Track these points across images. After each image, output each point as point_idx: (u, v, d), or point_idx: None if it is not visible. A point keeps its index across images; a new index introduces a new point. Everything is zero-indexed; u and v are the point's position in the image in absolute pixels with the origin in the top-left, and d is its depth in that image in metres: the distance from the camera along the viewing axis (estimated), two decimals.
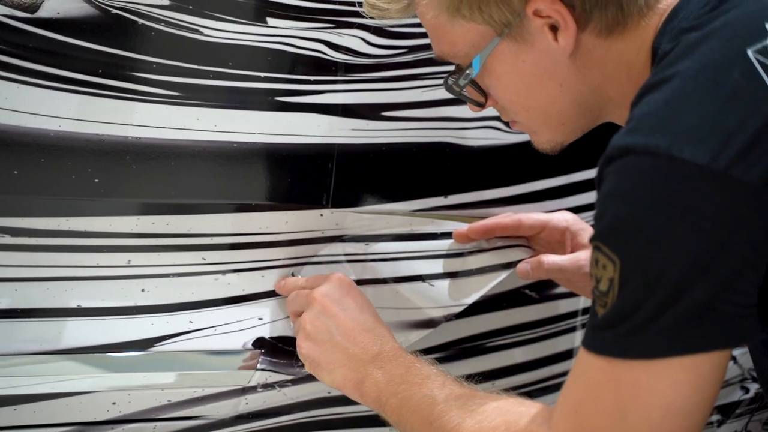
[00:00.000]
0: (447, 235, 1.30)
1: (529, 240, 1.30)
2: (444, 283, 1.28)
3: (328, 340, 1.12)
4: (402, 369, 1.06)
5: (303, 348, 1.14)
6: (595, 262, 0.79)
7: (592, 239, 0.80)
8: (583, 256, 1.23)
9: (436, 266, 1.29)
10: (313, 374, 1.14)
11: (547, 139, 1.05)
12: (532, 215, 1.29)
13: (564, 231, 1.27)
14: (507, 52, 0.96)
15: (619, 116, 1.01)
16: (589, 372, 0.81)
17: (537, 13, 0.92)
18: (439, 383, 1.02)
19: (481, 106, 1.07)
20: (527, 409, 0.93)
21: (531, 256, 1.28)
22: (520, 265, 1.25)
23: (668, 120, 0.76)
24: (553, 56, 0.95)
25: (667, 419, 0.76)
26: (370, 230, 1.29)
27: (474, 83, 1.03)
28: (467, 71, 1.00)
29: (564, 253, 1.26)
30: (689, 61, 0.79)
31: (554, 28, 0.93)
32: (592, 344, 0.80)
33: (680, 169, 0.73)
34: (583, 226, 1.28)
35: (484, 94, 1.05)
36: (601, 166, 0.81)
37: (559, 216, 1.29)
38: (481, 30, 0.96)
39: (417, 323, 1.28)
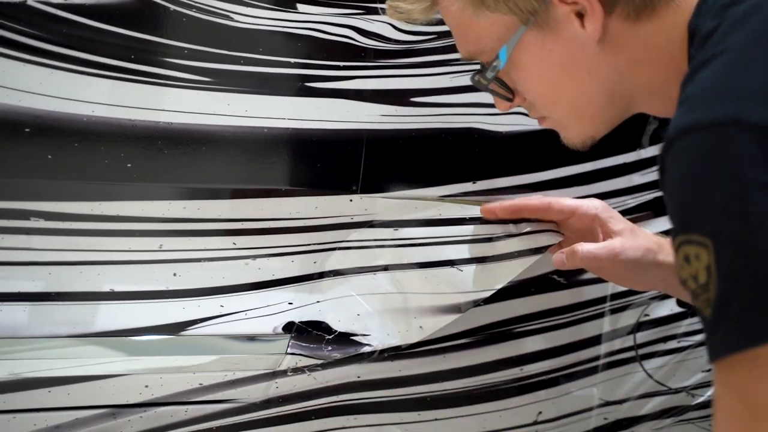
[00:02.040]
0: (476, 220, 1.30)
1: (559, 225, 1.30)
2: (472, 268, 1.28)
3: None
4: None
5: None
6: (685, 259, 0.73)
7: (675, 235, 0.75)
8: (617, 244, 1.21)
9: (465, 251, 1.29)
10: None
11: (578, 133, 1.04)
12: (561, 200, 1.27)
13: (593, 218, 1.26)
14: (533, 41, 0.95)
15: (652, 106, 1.00)
16: (721, 386, 0.73)
17: (563, 0, 0.91)
18: None
19: (509, 100, 1.06)
20: None
21: (560, 243, 1.28)
22: (555, 256, 1.23)
23: (729, 88, 0.72)
24: (580, 43, 0.93)
25: None
26: (399, 215, 1.29)
27: (500, 80, 1.02)
28: (494, 63, 0.99)
29: (594, 240, 1.24)
30: (739, 34, 0.76)
31: (580, 15, 0.92)
32: (716, 352, 0.72)
33: (753, 132, 0.69)
34: (612, 214, 1.27)
35: (512, 89, 1.04)
36: (663, 152, 0.76)
37: (588, 203, 1.27)
38: (507, 21, 0.95)
39: (445, 308, 1.28)
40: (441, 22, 1.08)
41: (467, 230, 1.30)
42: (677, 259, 0.75)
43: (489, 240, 1.29)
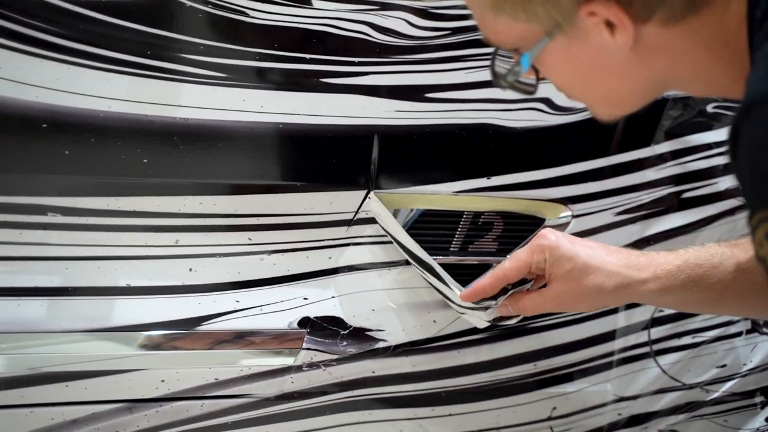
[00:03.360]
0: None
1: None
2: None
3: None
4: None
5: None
6: (766, 237, 0.70)
7: (753, 211, 0.71)
8: (553, 294, 1.18)
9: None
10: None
11: (606, 113, 0.98)
12: (513, 264, 1.20)
13: (544, 263, 1.20)
14: (558, 48, 0.88)
15: (691, 88, 0.95)
16: None
17: (591, 14, 0.83)
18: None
19: (531, 94, 0.99)
20: None
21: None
22: (501, 306, 1.22)
23: None
24: (610, 51, 0.86)
25: None
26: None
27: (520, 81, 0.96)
28: (515, 69, 0.92)
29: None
30: None
31: (610, 24, 0.83)
32: None
33: None
34: (559, 255, 1.19)
35: (534, 81, 0.97)
36: (740, 117, 0.72)
37: (537, 250, 1.20)
38: (528, 28, 0.88)
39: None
40: (455, 18, 1.08)
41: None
42: (755, 237, 0.72)
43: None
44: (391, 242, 1.29)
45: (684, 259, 1.13)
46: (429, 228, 1.32)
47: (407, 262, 1.27)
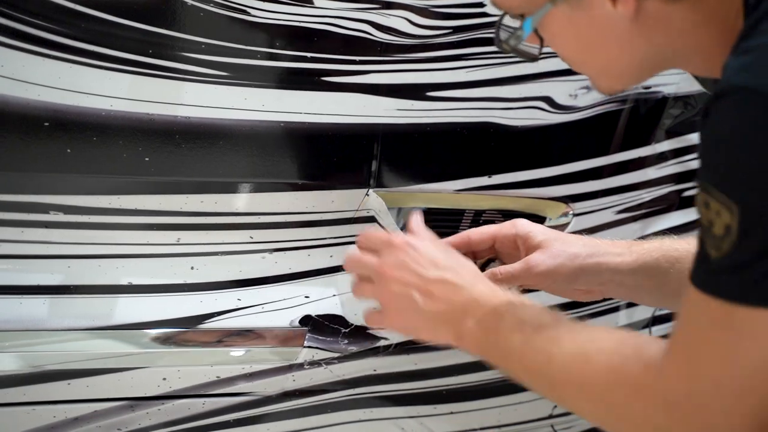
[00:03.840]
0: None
1: (497, 254, 1.24)
2: None
3: (413, 309, 1.05)
4: (496, 316, 1.00)
5: (395, 323, 1.08)
6: (704, 205, 0.75)
7: (700, 180, 0.75)
8: (532, 258, 1.17)
9: None
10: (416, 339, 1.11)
11: (606, 86, 0.98)
12: (481, 229, 1.21)
13: (514, 238, 1.20)
14: (561, 15, 0.89)
15: (691, 66, 0.95)
16: (706, 316, 0.77)
17: None
18: (533, 327, 0.96)
19: (533, 60, 1.00)
20: (634, 350, 0.86)
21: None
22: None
23: None
24: (611, 21, 0.87)
25: None
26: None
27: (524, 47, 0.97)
28: (518, 33, 0.94)
29: (519, 259, 1.20)
30: None
31: None
32: (710, 286, 0.76)
33: None
34: (531, 229, 1.20)
35: (537, 49, 0.97)
36: (710, 101, 0.74)
37: (507, 225, 1.21)
38: None
39: None
40: (456, 17, 1.08)
41: None
42: (697, 198, 0.76)
43: None
44: None
45: (659, 243, 1.15)
46: (430, 226, 1.32)
47: None
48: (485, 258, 1.23)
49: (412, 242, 1.07)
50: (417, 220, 1.10)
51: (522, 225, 1.20)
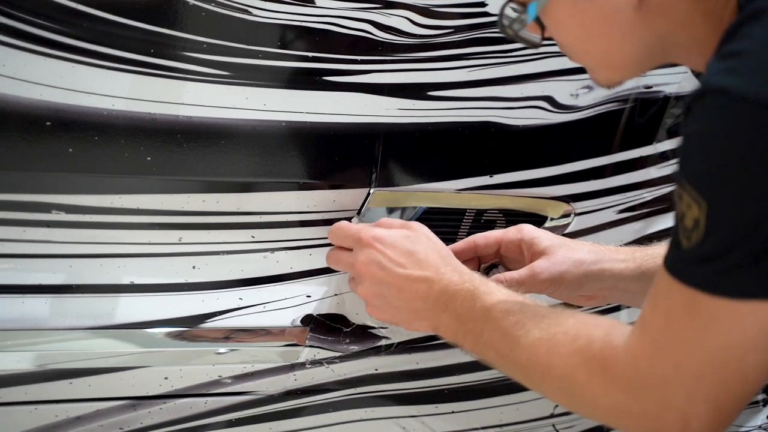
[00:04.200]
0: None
1: (501, 259, 1.27)
2: None
3: (389, 305, 1.10)
4: (466, 305, 1.04)
5: (374, 314, 1.13)
6: (679, 197, 0.79)
7: (678, 174, 0.79)
8: (537, 264, 1.19)
9: None
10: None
11: (605, 78, 0.99)
12: (486, 234, 1.24)
13: (519, 244, 1.23)
14: (565, 1, 0.91)
15: (690, 60, 0.96)
16: (673, 300, 0.80)
17: None
18: (501, 312, 1.00)
19: (536, 47, 1.01)
20: (600, 331, 0.90)
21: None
22: None
23: None
24: (615, 8, 0.89)
25: (746, 356, 0.78)
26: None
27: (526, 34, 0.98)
28: (522, 17, 0.94)
29: (524, 266, 1.22)
30: None
31: None
32: (679, 273, 0.80)
33: None
34: (536, 235, 1.22)
35: (540, 34, 0.98)
36: (693, 99, 0.77)
37: (512, 230, 1.24)
38: None
39: None
40: (458, 16, 1.08)
41: None
42: (675, 189, 0.79)
43: None
44: None
45: (662, 249, 1.15)
46: (431, 226, 1.32)
47: None
48: (489, 263, 1.23)
49: (379, 236, 1.11)
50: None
51: (527, 231, 1.22)
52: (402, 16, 1.23)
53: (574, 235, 1.41)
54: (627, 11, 0.88)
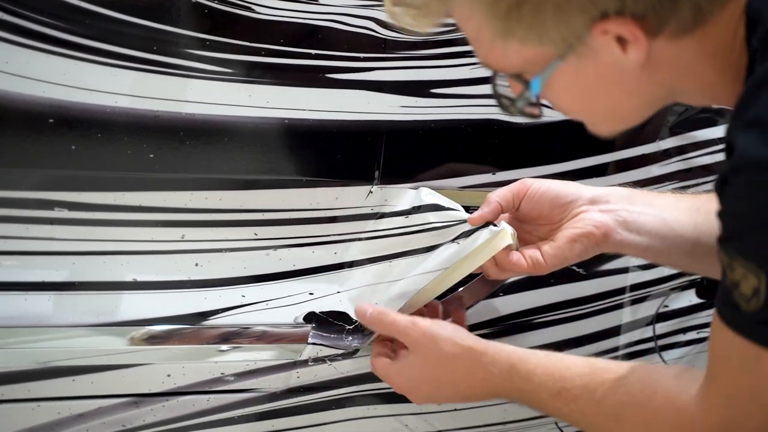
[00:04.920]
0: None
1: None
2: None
3: (437, 397, 1.20)
4: (518, 393, 1.11)
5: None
6: (729, 267, 0.79)
7: (723, 246, 0.80)
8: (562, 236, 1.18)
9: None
10: None
11: (608, 129, 0.96)
12: (498, 194, 1.23)
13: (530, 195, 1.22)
14: (568, 69, 0.85)
15: (694, 100, 0.95)
16: (748, 361, 0.82)
17: (604, 32, 0.81)
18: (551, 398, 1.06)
19: (538, 118, 0.96)
20: (664, 400, 0.94)
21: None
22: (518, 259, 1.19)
23: None
24: (620, 68, 0.84)
25: None
26: (410, 203, 1.30)
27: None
28: (527, 94, 0.89)
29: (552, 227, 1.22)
30: None
31: (621, 40, 0.81)
32: (747, 333, 0.81)
33: None
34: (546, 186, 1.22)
35: (539, 107, 0.94)
36: (730, 172, 0.77)
37: (516, 185, 1.23)
38: (539, 50, 0.85)
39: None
40: None
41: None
42: (721, 258, 0.81)
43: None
44: (395, 236, 1.29)
45: None
46: None
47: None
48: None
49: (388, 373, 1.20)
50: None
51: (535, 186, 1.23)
52: None
53: None
54: (633, 71, 0.84)
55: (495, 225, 1.20)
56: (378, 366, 1.20)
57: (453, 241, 1.23)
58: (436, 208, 1.27)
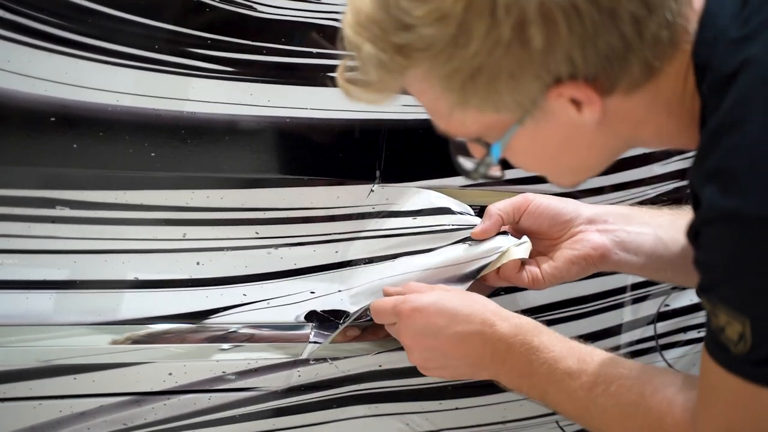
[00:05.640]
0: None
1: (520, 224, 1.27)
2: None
3: (445, 366, 1.14)
4: (523, 361, 1.08)
5: (429, 373, 1.17)
6: (713, 314, 0.81)
7: (704, 294, 0.82)
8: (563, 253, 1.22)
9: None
10: None
11: (571, 182, 0.99)
12: (499, 207, 1.25)
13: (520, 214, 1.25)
14: (526, 132, 0.86)
15: (653, 144, 1.00)
16: (739, 395, 0.84)
17: (559, 96, 0.82)
18: (563, 374, 1.05)
19: (501, 179, 0.97)
20: (666, 405, 0.97)
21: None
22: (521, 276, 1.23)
23: None
24: (577, 127, 0.85)
25: None
26: (419, 205, 1.30)
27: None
28: (487, 160, 0.90)
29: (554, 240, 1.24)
30: (765, 89, 0.74)
31: (576, 101, 0.83)
32: (738, 371, 0.82)
33: None
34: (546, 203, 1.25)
35: (500, 169, 0.94)
36: (700, 224, 0.80)
37: (519, 199, 1.25)
38: (496, 117, 0.85)
39: (461, 277, 1.27)
40: None
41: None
42: (704, 305, 0.84)
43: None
44: (396, 236, 1.29)
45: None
46: None
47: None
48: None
49: (416, 305, 1.13)
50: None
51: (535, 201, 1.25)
52: None
53: None
54: (589, 128, 0.85)
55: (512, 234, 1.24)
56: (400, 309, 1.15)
57: (460, 242, 1.23)
58: (448, 211, 1.28)
